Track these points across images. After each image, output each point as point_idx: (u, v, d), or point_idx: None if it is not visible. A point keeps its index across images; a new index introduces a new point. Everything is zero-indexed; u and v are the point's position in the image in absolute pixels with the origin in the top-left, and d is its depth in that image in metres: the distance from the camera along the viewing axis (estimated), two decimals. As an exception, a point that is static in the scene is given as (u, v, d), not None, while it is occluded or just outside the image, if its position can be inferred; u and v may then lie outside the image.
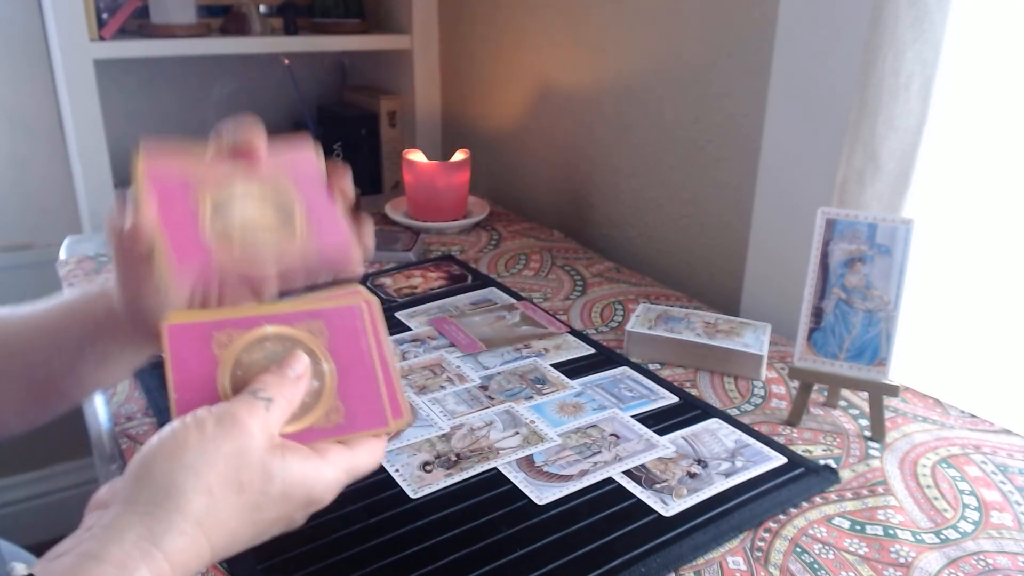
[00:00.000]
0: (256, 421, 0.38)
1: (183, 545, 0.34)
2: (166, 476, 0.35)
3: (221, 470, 0.36)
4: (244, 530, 0.37)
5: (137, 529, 0.34)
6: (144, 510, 0.35)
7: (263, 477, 0.37)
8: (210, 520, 0.36)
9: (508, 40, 1.33)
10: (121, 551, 0.33)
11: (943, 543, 0.54)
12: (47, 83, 1.41)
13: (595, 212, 1.20)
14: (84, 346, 0.52)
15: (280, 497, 0.38)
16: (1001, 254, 0.76)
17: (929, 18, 0.73)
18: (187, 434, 0.36)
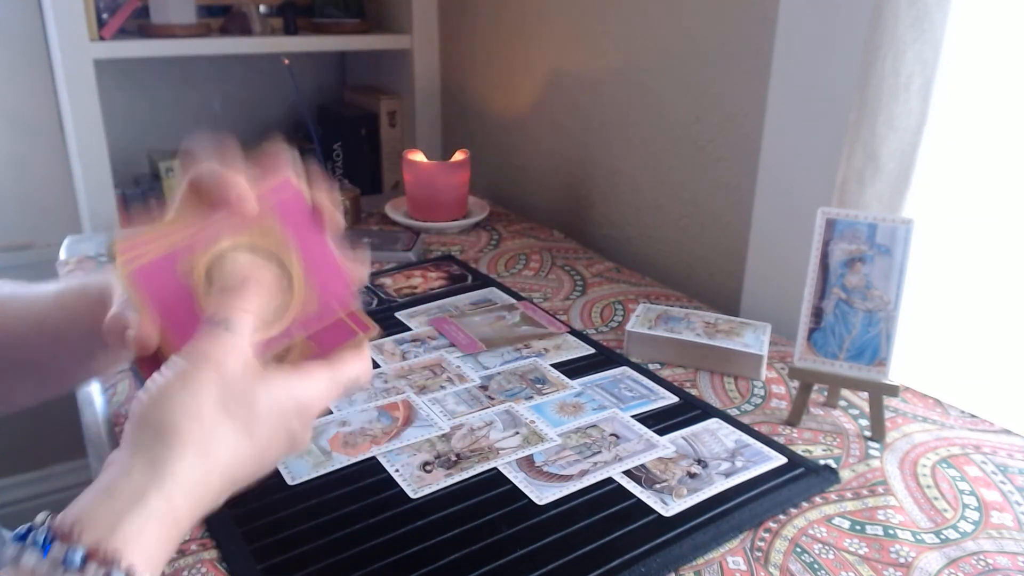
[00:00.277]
0: (221, 348, 0.39)
1: (186, 469, 0.37)
2: (158, 417, 0.38)
3: (205, 399, 0.38)
4: (246, 447, 0.39)
5: (141, 464, 0.36)
6: (145, 448, 0.37)
7: (246, 395, 0.39)
8: (207, 444, 0.38)
9: (508, 40, 1.33)
10: (130, 483, 0.36)
11: (943, 543, 0.54)
12: (47, 83, 1.41)
13: (595, 212, 1.20)
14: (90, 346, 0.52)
15: (269, 412, 0.40)
16: (1001, 254, 0.76)
17: (929, 18, 0.73)
18: (167, 380, 0.39)
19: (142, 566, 0.34)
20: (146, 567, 0.34)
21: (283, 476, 0.58)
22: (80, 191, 1.30)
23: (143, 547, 0.34)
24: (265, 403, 0.40)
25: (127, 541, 0.34)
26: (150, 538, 0.35)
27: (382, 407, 0.68)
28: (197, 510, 0.38)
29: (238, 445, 0.39)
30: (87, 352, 0.52)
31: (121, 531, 0.34)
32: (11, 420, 0.56)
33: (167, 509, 0.36)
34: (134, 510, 0.35)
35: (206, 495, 0.38)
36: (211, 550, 0.52)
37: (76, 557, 0.32)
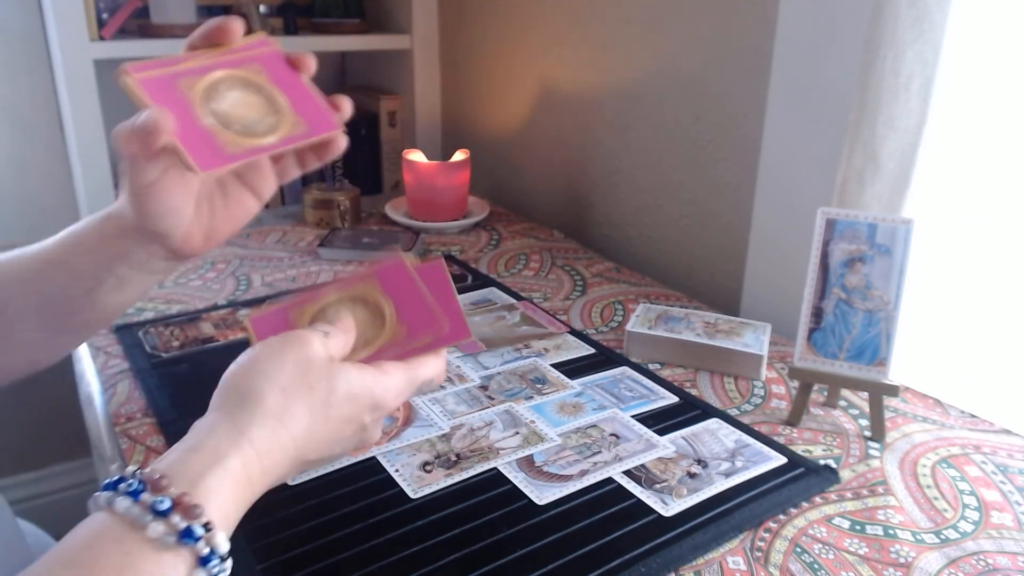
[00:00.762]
0: (315, 337, 0.44)
1: (266, 434, 0.40)
2: (245, 384, 0.41)
3: (290, 372, 0.42)
4: (320, 426, 0.42)
5: (225, 425, 0.40)
6: (230, 411, 0.41)
7: (328, 378, 0.43)
8: (286, 414, 0.41)
9: (508, 40, 1.33)
10: (214, 441, 0.39)
11: (943, 543, 0.54)
12: (47, 83, 1.41)
13: (595, 212, 1.20)
14: (100, 273, 0.53)
15: (346, 396, 0.43)
16: (1001, 254, 0.76)
17: (929, 18, 0.73)
18: (258, 351, 0.43)
19: (218, 521, 0.36)
20: (221, 523, 0.37)
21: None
22: (80, 191, 1.30)
23: (220, 504, 0.37)
24: (343, 389, 0.43)
25: (207, 496, 0.36)
26: (226, 496, 0.37)
27: (382, 407, 0.68)
28: (269, 477, 0.40)
29: (314, 422, 0.42)
30: (97, 278, 0.53)
31: (203, 485, 0.37)
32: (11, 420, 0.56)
33: (243, 470, 0.39)
34: (215, 468, 0.37)
35: (280, 464, 0.41)
36: (211, 550, 0.51)
37: (163, 505, 0.35)
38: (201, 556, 0.35)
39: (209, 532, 0.35)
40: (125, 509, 0.35)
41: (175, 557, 0.34)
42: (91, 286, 0.53)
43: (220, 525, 0.36)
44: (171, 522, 0.34)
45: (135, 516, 0.34)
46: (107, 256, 0.52)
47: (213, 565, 0.35)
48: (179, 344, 0.79)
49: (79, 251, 0.53)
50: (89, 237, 0.53)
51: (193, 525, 0.35)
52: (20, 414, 1.55)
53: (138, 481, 0.36)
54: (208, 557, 0.35)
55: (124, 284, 0.54)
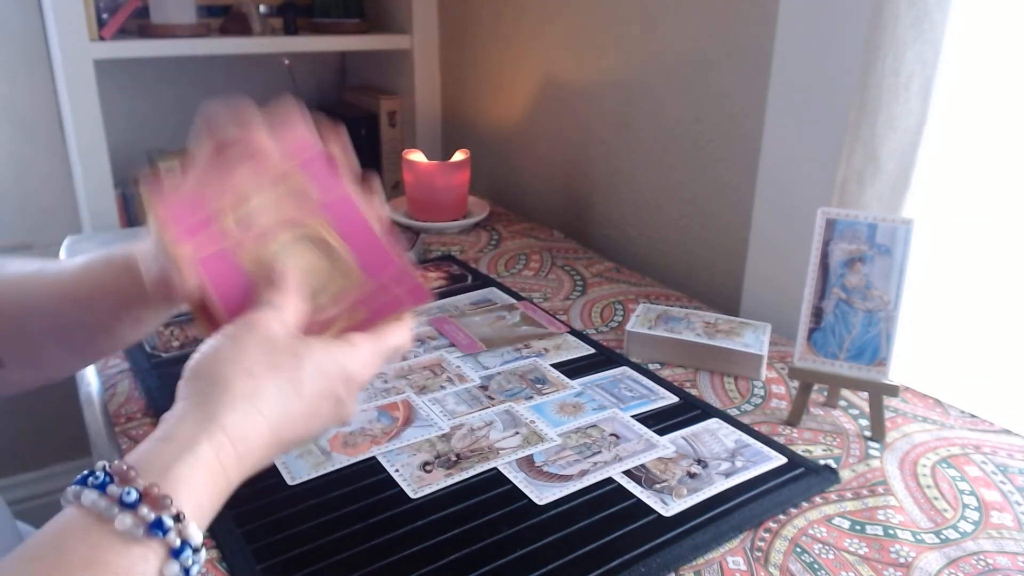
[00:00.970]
0: (269, 317, 0.43)
1: (237, 419, 0.39)
2: (211, 371, 0.41)
3: (255, 355, 0.41)
4: (294, 404, 0.42)
5: (195, 414, 0.39)
6: (199, 399, 0.40)
7: (294, 356, 0.42)
8: (257, 397, 0.40)
9: (508, 40, 1.33)
10: (184, 430, 0.38)
11: (943, 543, 0.54)
12: (47, 83, 1.41)
13: (595, 212, 1.20)
14: (118, 313, 0.54)
15: (316, 371, 0.43)
16: (1001, 254, 0.76)
17: (929, 18, 0.73)
18: (219, 340, 0.42)
19: (190, 512, 0.35)
20: (194, 514, 0.36)
21: (283, 476, 0.58)
22: (80, 191, 1.30)
23: (193, 493, 0.36)
24: (311, 364, 0.43)
25: (177, 486, 0.36)
26: (199, 485, 0.37)
27: (382, 407, 0.68)
28: (245, 463, 0.40)
29: (287, 401, 0.41)
30: (113, 318, 0.54)
31: (172, 475, 0.36)
32: (12, 420, 0.55)
33: (215, 457, 0.38)
34: (185, 456, 0.37)
35: (256, 449, 0.40)
36: (211, 550, 0.52)
37: (131, 497, 0.34)
38: (173, 548, 0.34)
39: (180, 523, 0.35)
40: (92, 502, 0.34)
41: (145, 549, 0.34)
42: (109, 323, 0.54)
43: (192, 515, 0.36)
44: (139, 514, 0.34)
45: (102, 509, 0.34)
46: (125, 302, 0.53)
47: (186, 557, 0.35)
48: (179, 344, 0.79)
49: (98, 294, 0.53)
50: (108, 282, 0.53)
51: (163, 516, 0.34)
52: (20, 414, 1.55)
53: (105, 474, 0.35)
54: (180, 549, 0.34)
55: (141, 322, 0.55)
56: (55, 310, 0.53)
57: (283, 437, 0.42)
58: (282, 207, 0.47)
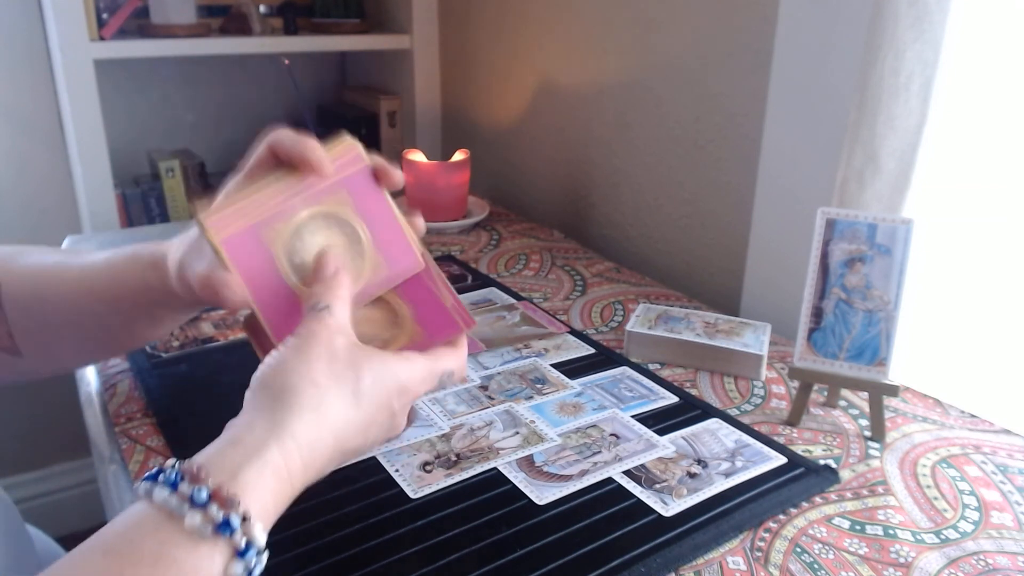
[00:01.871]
0: (327, 327, 0.44)
1: (304, 426, 0.40)
2: (278, 382, 0.42)
3: (318, 367, 0.42)
4: (354, 414, 0.43)
5: (264, 421, 0.40)
6: (267, 408, 0.41)
7: (352, 366, 0.43)
8: (322, 405, 0.41)
9: (508, 40, 1.33)
10: (253, 436, 0.39)
11: (943, 543, 0.54)
12: (47, 83, 1.41)
13: (595, 212, 1.20)
14: (139, 310, 0.54)
15: (374, 383, 0.44)
16: (1001, 254, 0.76)
17: (929, 18, 0.73)
18: (282, 353, 0.43)
19: (256, 514, 0.36)
20: (259, 516, 0.37)
21: (283, 476, 0.58)
22: (80, 191, 1.30)
23: (259, 496, 0.37)
24: (370, 376, 0.43)
25: (245, 488, 0.36)
26: (265, 489, 0.37)
27: (382, 407, 0.68)
28: (310, 471, 0.41)
29: (347, 411, 0.42)
30: (135, 315, 0.54)
31: (241, 477, 0.37)
32: (12, 420, 0.55)
33: (283, 463, 0.39)
34: (254, 460, 0.38)
35: (320, 457, 0.41)
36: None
37: (201, 496, 0.35)
38: (238, 548, 0.35)
39: (247, 524, 0.35)
40: (163, 499, 0.35)
41: (211, 548, 0.34)
42: (129, 318, 0.55)
43: (258, 517, 0.36)
44: (208, 513, 0.34)
45: (173, 506, 0.35)
46: (147, 300, 0.53)
47: (250, 558, 0.35)
48: (179, 344, 0.79)
49: (120, 287, 0.54)
50: (132, 279, 0.53)
51: (230, 516, 0.35)
52: (20, 414, 1.55)
53: (176, 472, 0.36)
54: (245, 549, 0.35)
55: (161, 322, 0.56)
56: (75, 304, 0.54)
57: (344, 446, 0.43)
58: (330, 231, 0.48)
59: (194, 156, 1.49)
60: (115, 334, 0.56)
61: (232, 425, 0.41)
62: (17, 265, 0.55)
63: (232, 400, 0.45)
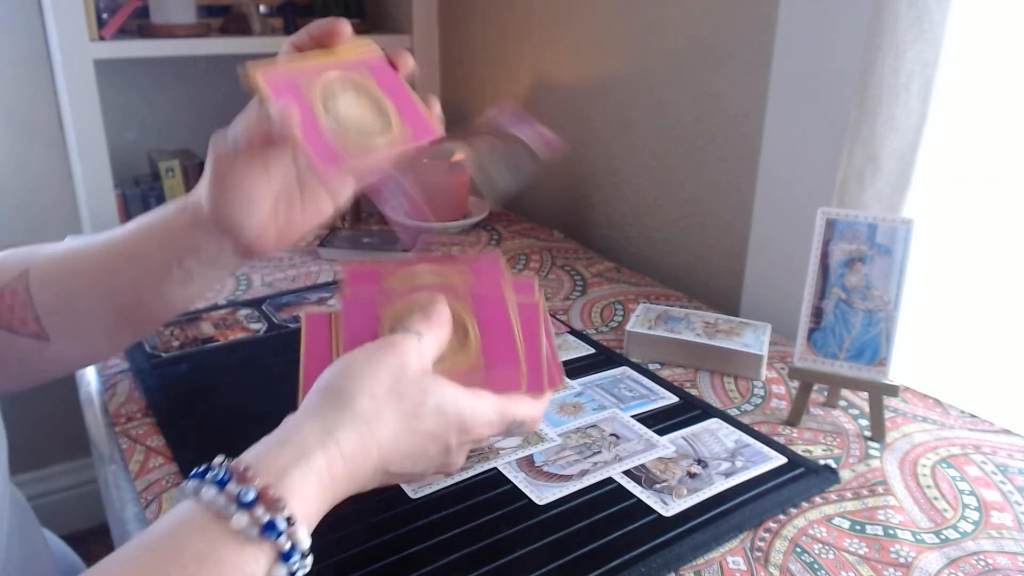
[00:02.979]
0: (411, 345, 0.44)
1: (352, 437, 0.40)
2: (339, 386, 0.41)
3: (383, 379, 0.42)
4: (406, 437, 0.42)
5: (315, 424, 0.40)
6: (320, 411, 0.41)
7: (419, 389, 0.43)
8: (375, 419, 0.41)
9: (508, 40, 1.33)
10: (301, 438, 0.39)
11: (943, 543, 0.54)
12: (47, 83, 1.41)
13: (595, 212, 1.20)
14: (169, 265, 0.53)
15: (435, 411, 0.43)
16: (1001, 254, 0.76)
17: (929, 18, 0.73)
18: (355, 355, 0.43)
19: (301, 517, 0.36)
20: (303, 519, 0.37)
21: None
22: (80, 191, 1.30)
23: (302, 500, 0.37)
24: (434, 402, 0.43)
25: (291, 490, 0.36)
26: (309, 494, 0.37)
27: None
28: (352, 483, 0.40)
29: (399, 432, 0.42)
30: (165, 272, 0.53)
31: (287, 479, 0.37)
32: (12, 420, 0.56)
33: (327, 470, 0.39)
34: (300, 464, 0.38)
35: (363, 471, 0.41)
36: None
37: (248, 496, 0.35)
38: (282, 551, 0.35)
39: (292, 527, 0.35)
40: (211, 498, 0.35)
41: (257, 550, 0.34)
42: (159, 278, 0.54)
43: (302, 521, 0.36)
44: (255, 514, 0.35)
45: (220, 506, 0.35)
46: (178, 248, 0.53)
47: (294, 561, 0.35)
48: (179, 344, 0.79)
49: (151, 242, 0.53)
50: (161, 227, 0.53)
51: (276, 519, 0.35)
52: (20, 414, 1.55)
53: (224, 470, 0.36)
54: (289, 553, 0.35)
55: (191, 278, 0.55)
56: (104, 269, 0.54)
57: (389, 468, 0.42)
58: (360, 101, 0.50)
59: (194, 156, 1.49)
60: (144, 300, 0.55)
61: (285, 423, 0.41)
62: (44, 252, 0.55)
63: (232, 400, 0.45)
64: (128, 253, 0.54)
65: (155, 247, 0.53)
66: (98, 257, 0.54)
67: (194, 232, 0.52)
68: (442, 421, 0.43)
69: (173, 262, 0.53)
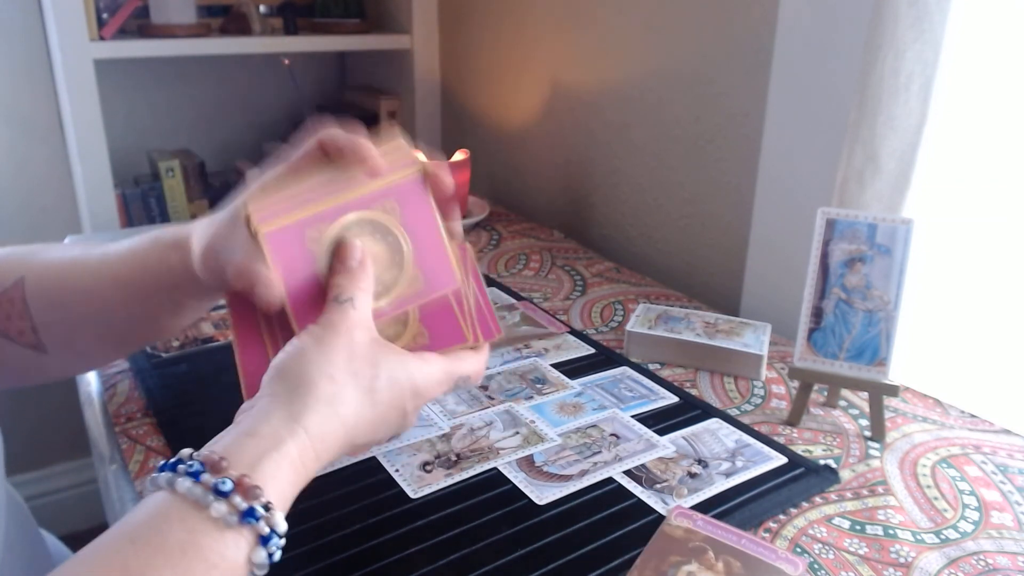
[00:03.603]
0: (349, 321, 0.44)
1: (319, 420, 0.41)
2: (296, 372, 0.42)
3: (337, 361, 0.43)
4: (367, 410, 0.44)
5: (280, 412, 0.41)
6: (284, 398, 0.41)
7: (372, 363, 0.44)
8: (337, 400, 0.42)
9: (508, 40, 1.33)
10: (269, 427, 0.40)
11: (943, 543, 0.54)
12: (47, 83, 1.41)
13: (595, 212, 1.20)
14: (161, 297, 0.54)
15: (389, 382, 0.44)
16: (1001, 254, 0.76)
17: (929, 18, 0.73)
18: (304, 343, 0.43)
19: (276, 503, 0.37)
20: (278, 504, 0.38)
21: (283, 476, 0.58)
22: (80, 191, 1.30)
23: (277, 486, 0.38)
24: (386, 374, 0.44)
25: (266, 478, 0.38)
26: (283, 479, 0.39)
27: (382, 407, 0.68)
28: (321, 461, 0.42)
29: (361, 407, 0.43)
30: (157, 301, 0.54)
31: (262, 469, 0.38)
32: (12, 420, 0.56)
33: (299, 455, 0.40)
34: (273, 452, 0.39)
35: (331, 448, 0.42)
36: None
37: (225, 486, 0.36)
38: (262, 535, 0.36)
39: (269, 513, 0.36)
40: (187, 489, 0.35)
41: (237, 536, 0.35)
42: (151, 307, 0.54)
43: (278, 506, 0.37)
44: (233, 502, 0.35)
45: (197, 496, 0.35)
46: (168, 283, 0.53)
47: (272, 544, 0.37)
48: (179, 344, 0.79)
49: (143, 273, 0.53)
50: (153, 260, 0.53)
51: (254, 505, 0.36)
52: (20, 414, 1.55)
53: (198, 462, 0.37)
54: (268, 536, 0.36)
55: (183, 310, 0.55)
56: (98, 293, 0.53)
57: (354, 441, 0.43)
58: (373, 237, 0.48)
59: (194, 156, 1.49)
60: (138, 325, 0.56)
61: (247, 413, 0.42)
62: (39, 259, 0.55)
63: (232, 400, 0.45)
64: (120, 281, 0.53)
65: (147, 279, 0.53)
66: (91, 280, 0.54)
67: (185, 271, 0.52)
68: (396, 389, 0.45)
69: (164, 295, 0.53)
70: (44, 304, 0.53)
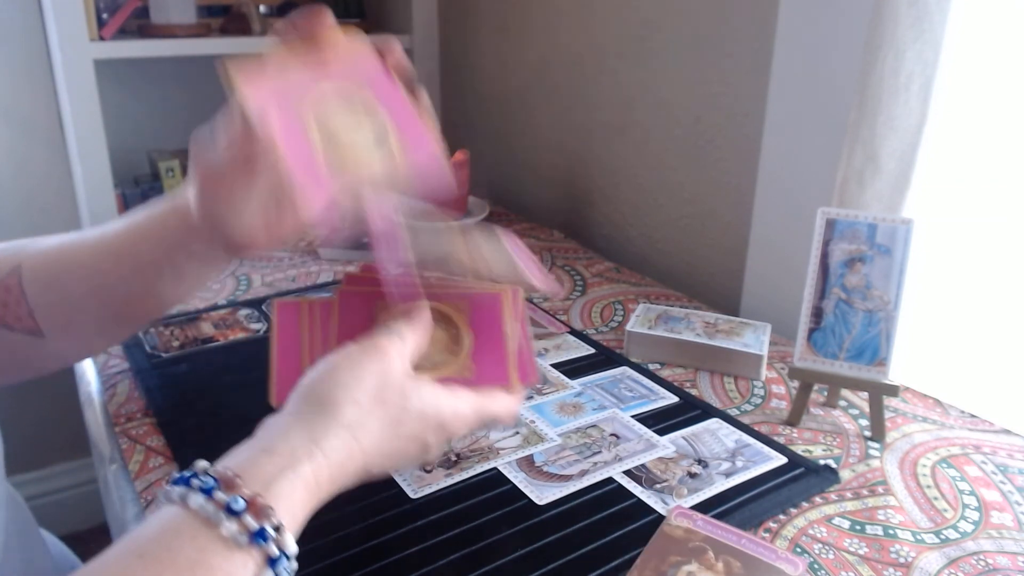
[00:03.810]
0: (393, 348, 0.45)
1: (338, 445, 0.40)
2: (323, 392, 0.42)
3: (367, 386, 0.42)
4: (388, 441, 0.43)
5: (300, 432, 0.40)
6: (306, 418, 0.41)
7: (401, 394, 0.43)
8: (359, 427, 0.41)
9: (508, 40, 1.33)
10: (288, 446, 0.39)
11: (943, 543, 0.54)
12: (47, 83, 1.41)
13: (595, 212, 1.20)
14: (160, 265, 0.53)
15: (416, 415, 0.44)
16: (1001, 254, 0.76)
17: (929, 18, 0.73)
18: (338, 360, 0.43)
19: (288, 524, 0.37)
20: (290, 525, 0.37)
21: (283, 476, 0.58)
22: (80, 191, 1.30)
23: (289, 507, 0.38)
24: (415, 406, 0.44)
25: (279, 498, 0.37)
26: (296, 500, 0.38)
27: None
28: (335, 485, 0.41)
29: (383, 437, 0.43)
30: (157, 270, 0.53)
31: (276, 488, 0.37)
32: (12, 420, 0.56)
33: (313, 477, 0.39)
34: (288, 472, 0.38)
35: (347, 474, 0.41)
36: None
37: (238, 505, 0.35)
38: (271, 556, 0.36)
39: (279, 534, 0.36)
40: (199, 506, 0.35)
41: (246, 556, 0.35)
42: (151, 277, 0.54)
43: (289, 527, 0.37)
44: (244, 522, 0.35)
45: (209, 513, 0.35)
46: (168, 248, 0.53)
47: (282, 567, 0.36)
48: (179, 344, 0.79)
49: (141, 242, 0.53)
50: (151, 228, 0.53)
51: (265, 526, 0.35)
52: (20, 414, 1.55)
53: (212, 478, 0.36)
54: (277, 558, 0.36)
55: (182, 276, 0.55)
56: (95, 268, 0.53)
57: (371, 468, 0.43)
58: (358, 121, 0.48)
59: (194, 156, 1.48)
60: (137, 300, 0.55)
61: (268, 427, 0.41)
62: (36, 246, 0.55)
63: (232, 400, 0.45)
64: (119, 253, 0.53)
65: (146, 247, 0.53)
66: (89, 255, 0.54)
67: (184, 232, 0.52)
68: (422, 423, 0.44)
69: (164, 262, 0.53)
70: (41, 286, 0.53)
